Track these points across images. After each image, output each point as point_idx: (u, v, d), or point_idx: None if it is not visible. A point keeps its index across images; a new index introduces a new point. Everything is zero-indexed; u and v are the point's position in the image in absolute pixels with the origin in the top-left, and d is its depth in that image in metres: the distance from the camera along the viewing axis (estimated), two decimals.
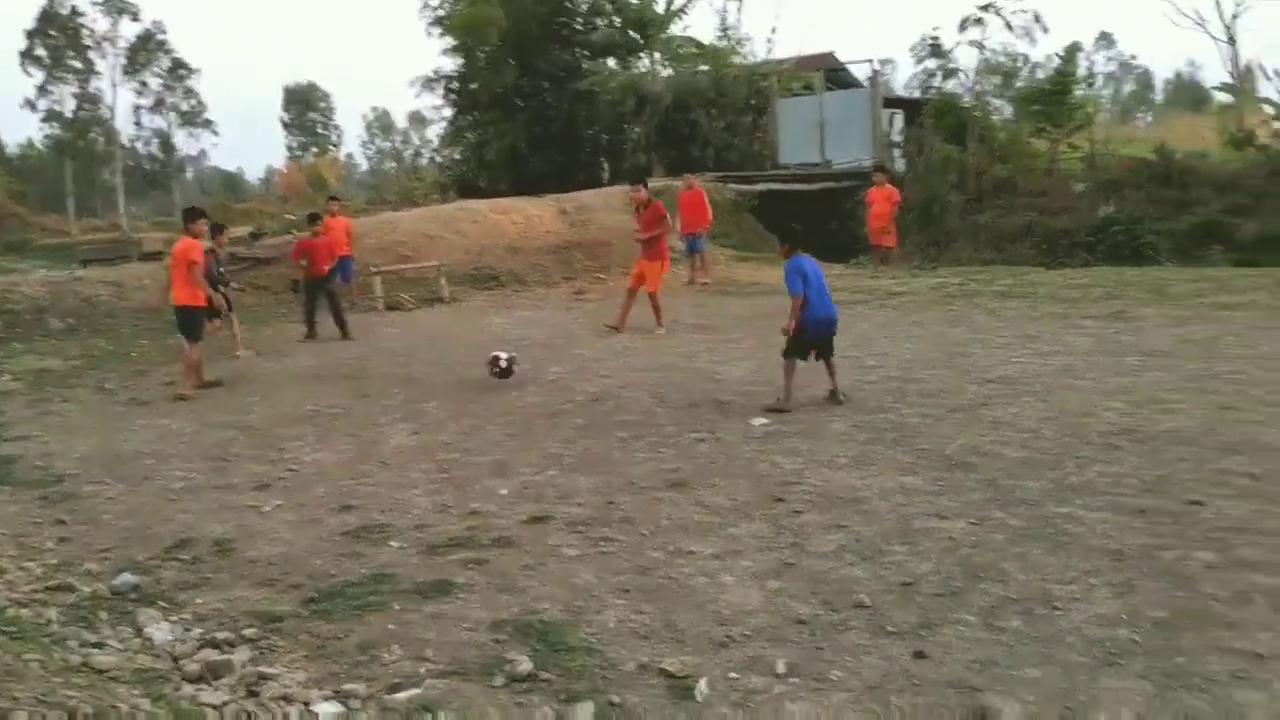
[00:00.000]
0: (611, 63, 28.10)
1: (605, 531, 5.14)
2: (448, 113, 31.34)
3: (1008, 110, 26.16)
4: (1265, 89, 25.32)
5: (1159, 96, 72.41)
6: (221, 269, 11.43)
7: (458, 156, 30.82)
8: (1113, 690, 3.35)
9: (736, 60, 26.63)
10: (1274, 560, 4.30)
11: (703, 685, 3.51)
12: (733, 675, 3.59)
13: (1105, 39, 69.10)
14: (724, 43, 27.29)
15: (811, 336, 7.66)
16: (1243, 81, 28.37)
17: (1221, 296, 11.73)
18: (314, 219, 13.31)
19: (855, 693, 3.44)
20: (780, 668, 3.61)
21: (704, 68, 26.24)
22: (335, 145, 75.64)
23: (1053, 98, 22.42)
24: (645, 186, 12.22)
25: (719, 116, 24.19)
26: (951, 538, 4.80)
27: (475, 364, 9.38)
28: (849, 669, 3.60)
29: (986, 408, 7.27)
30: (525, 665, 3.69)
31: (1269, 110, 21.47)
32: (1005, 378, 8.23)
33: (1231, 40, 27.76)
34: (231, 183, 69.75)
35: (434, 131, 39.92)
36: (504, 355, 9.07)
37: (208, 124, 60.92)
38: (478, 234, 17.53)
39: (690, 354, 10.16)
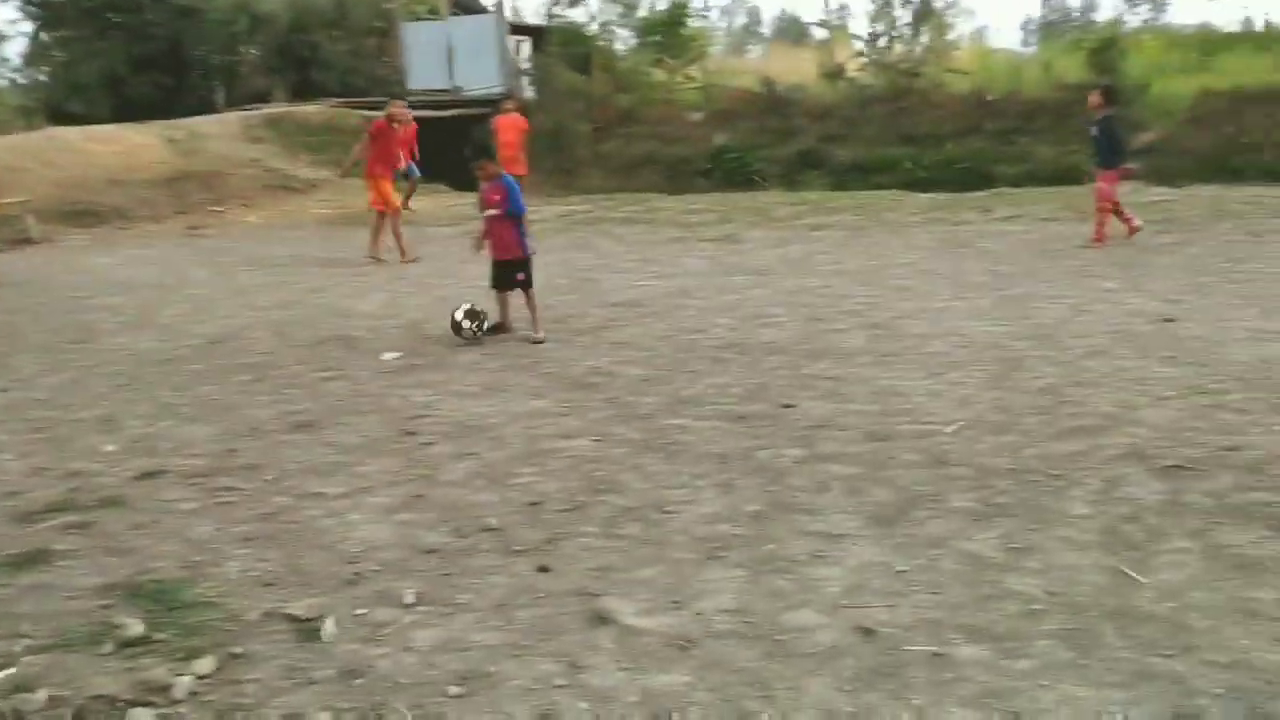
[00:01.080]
0: None
1: (225, 481, 4.90)
2: (28, 28, 27.73)
3: (632, 40, 27.11)
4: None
5: (766, 31, 77.75)
6: None
7: (43, 78, 27.41)
8: (715, 580, 3.68)
9: None
10: (848, 452, 4.89)
11: (329, 624, 3.47)
12: (360, 611, 3.57)
13: None
14: None
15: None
16: (836, 18, 31.10)
17: (816, 218, 12.97)
18: None
19: (482, 612, 3.54)
20: (409, 598, 3.64)
21: None
22: None
23: (669, 29, 23.47)
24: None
25: (342, 40, 23.18)
26: (576, 456, 5.02)
27: (75, 310, 8.52)
28: (477, 591, 3.70)
29: (610, 330, 7.64)
30: (137, 628, 3.47)
31: (858, 45, 23.71)
32: (629, 301, 8.66)
33: None
34: None
35: (14, 49, 35.16)
36: (468, 316, 7.48)
37: None
38: (72, 165, 15.81)
39: (317, 289, 9.82)
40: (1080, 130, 18.49)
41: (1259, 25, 26.74)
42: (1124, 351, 6.47)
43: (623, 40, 26.64)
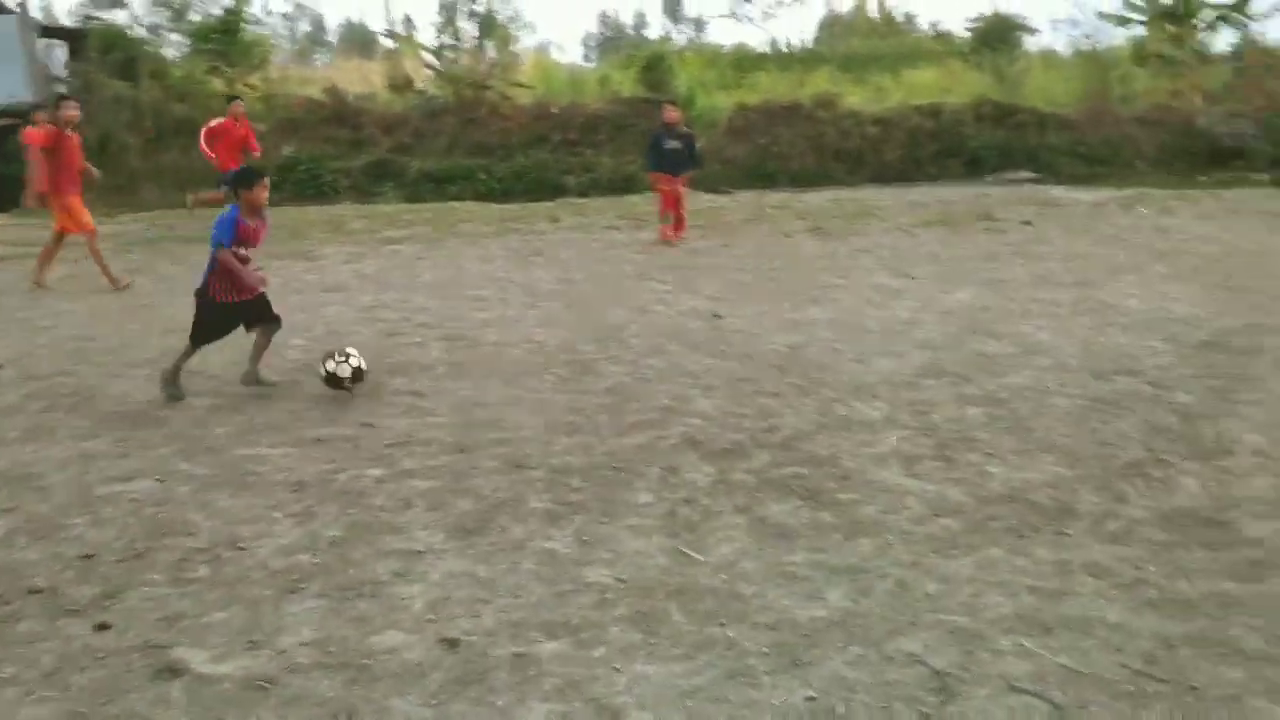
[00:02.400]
0: None
1: None
2: None
3: (186, 47, 25.22)
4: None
5: (333, 39, 75.76)
6: None
7: None
8: (295, 614, 3.55)
9: None
10: (430, 465, 4.92)
11: None
12: None
13: None
14: None
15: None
16: (403, 29, 30.98)
17: (391, 231, 12.87)
18: None
19: (29, 684, 3.17)
20: None
21: None
22: None
23: (225, 35, 22.17)
24: None
25: None
26: (136, 499, 4.63)
27: None
28: (24, 662, 3.30)
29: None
30: None
31: (426, 56, 23.77)
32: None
33: None
34: None
35: None
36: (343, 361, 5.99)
37: None
38: None
39: None
40: (638, 141, 19.92)
41: (783, 47, 30.20)
42: (679, 349, 7.05)
43: (175, 46, 24.79)
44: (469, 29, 23.64)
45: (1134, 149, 20.02)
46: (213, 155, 13.63)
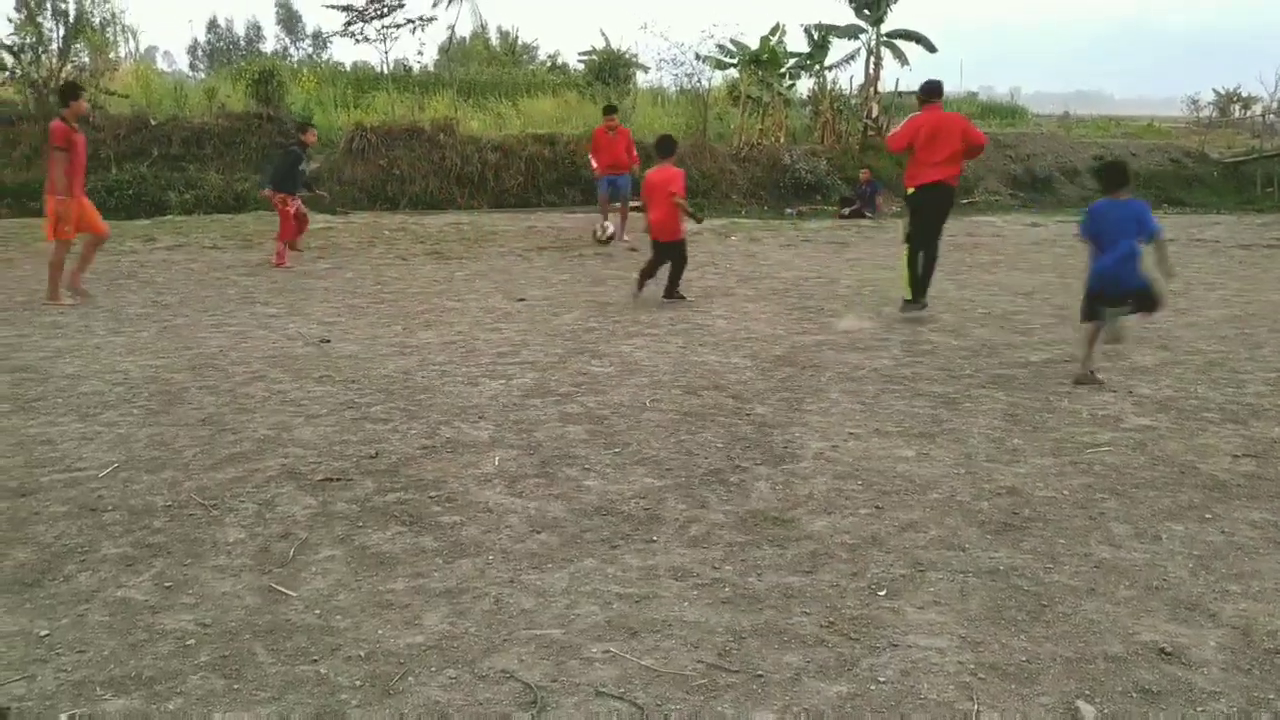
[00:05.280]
0: None
1: None
2: None
3: None
4: None
5: None
6: None
7: None
8: None
9: None
10: None
11: None
12: None
13: None
14: None
15: None
16: None
17: None
18: None
19: None
20: None
21: None
22: None
23: None
24: None
25: None
26: None
27: None
28: None
29: None
30: None
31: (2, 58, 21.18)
32: None
33: None
34: None
35: None
36: None
37: None
38: None
39: None
40: (249, 157, 18.92)
41: (404, 69, 29.89)
42: (282, 375, 6.76)
43: None
44: (55, 31, 21.37)
45: (730, 182, 21.76)
46: None
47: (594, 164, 14.49)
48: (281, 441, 5.41)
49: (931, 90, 9.10)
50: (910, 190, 9.05)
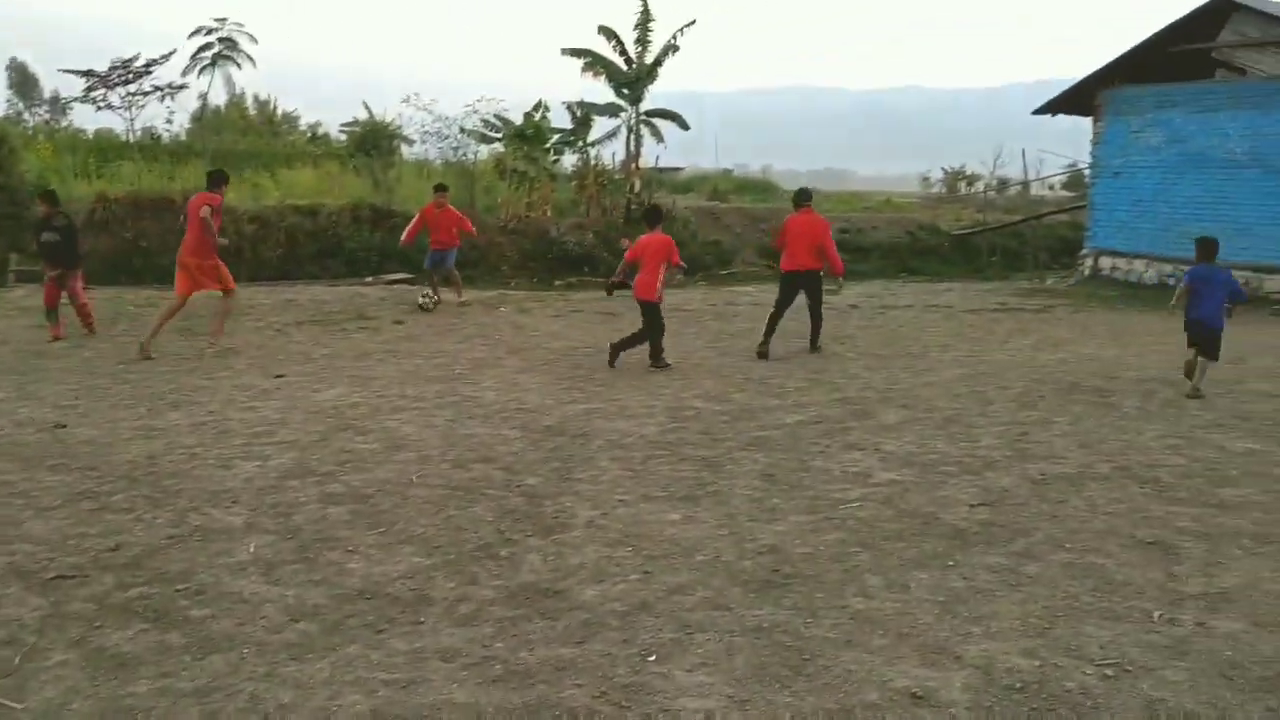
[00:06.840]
0: None
1: None
2: None
3: None
4: None
5: None
6: None
7: None
8: None
9: None
10: None
11: None
12: None
13: None
14: None
15: None
16: None
17: None
18: None
19: None
20: None
21: None
22: None
23: None
24: None
25: None
26: None
27: None
28: None
29: None
30: None
31: None
32: None
33: None
34: None
35: None
36: None
37: None
38: None
39: None
40: None
41: (150, 137, 28.40)
42: (9, 465, 6.19)
43: None
44: None
45: (500, 254, 21.83)
46: None
47: (405, 235, 15.48)
48: (6, 538, 4.93)
49: (802, 195, 11.81)
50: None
